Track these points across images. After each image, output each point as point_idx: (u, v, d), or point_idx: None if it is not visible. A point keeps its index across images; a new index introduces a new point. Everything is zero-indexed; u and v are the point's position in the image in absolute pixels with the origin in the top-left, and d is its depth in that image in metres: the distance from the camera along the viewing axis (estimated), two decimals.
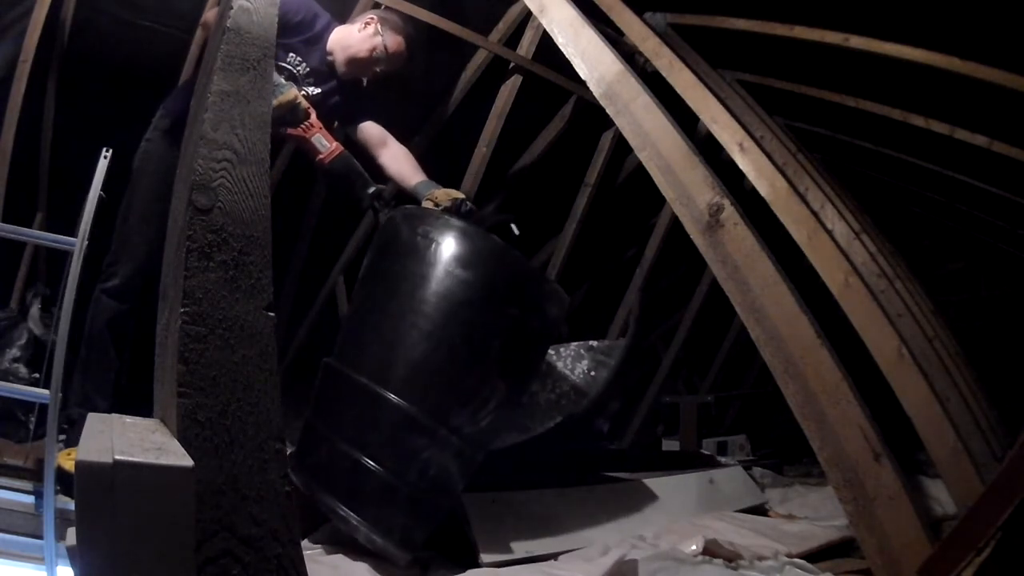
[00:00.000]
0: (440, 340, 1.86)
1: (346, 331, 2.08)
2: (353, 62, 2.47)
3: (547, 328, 2.10)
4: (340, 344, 2.06)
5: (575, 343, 2.80)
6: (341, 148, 2.26)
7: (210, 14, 2.37)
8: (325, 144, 2.23)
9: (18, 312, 2.76)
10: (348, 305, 2.21)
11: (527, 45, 3.51)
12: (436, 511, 1.83)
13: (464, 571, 1.81)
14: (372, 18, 2.49)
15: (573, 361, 2.77)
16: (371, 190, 2.27)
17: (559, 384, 2.67)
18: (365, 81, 2.55)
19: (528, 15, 3.36)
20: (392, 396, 1.79)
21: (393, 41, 2.47)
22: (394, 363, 1.84)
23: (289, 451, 1.58)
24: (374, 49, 2.46)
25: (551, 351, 2.73)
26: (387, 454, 1.76)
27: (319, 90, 2.48)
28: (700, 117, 2.31)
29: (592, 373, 2.70)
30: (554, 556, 1.95)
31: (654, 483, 2.54)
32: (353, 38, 2.46)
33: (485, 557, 1.85)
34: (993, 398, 3.06)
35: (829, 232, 2.07)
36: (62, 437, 2.17)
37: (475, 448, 1.87)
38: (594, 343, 2.81)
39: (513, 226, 2.31)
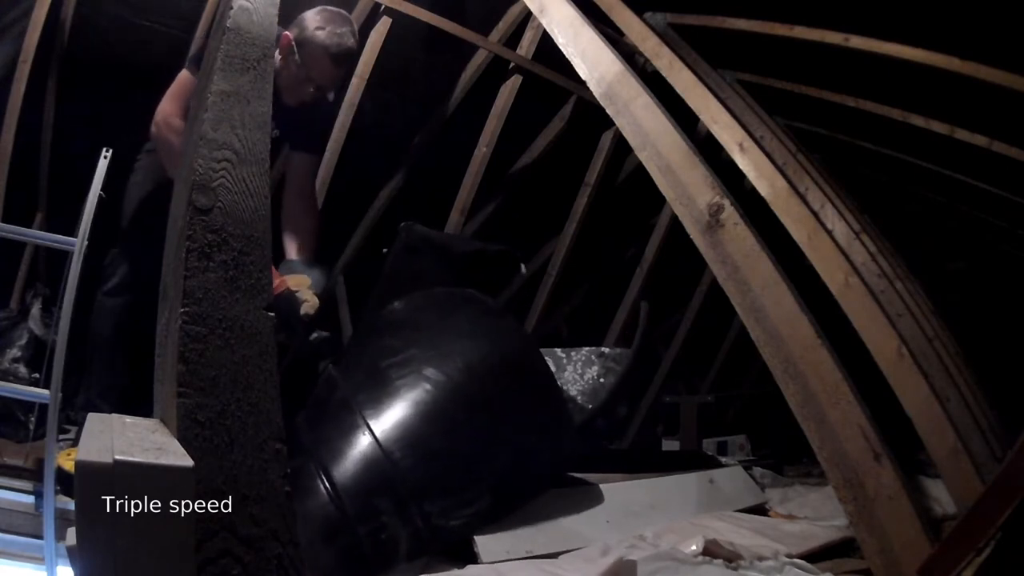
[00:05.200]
0: (458, 426, 1.86)
1: (365, 358, 2.04)
2: (286, 91, 2.28)
3: (550, 459, 2.12)
4: (349, 360, 2.04)
5: (586, 348, 2.79)
6: (284, 284, 2.10)
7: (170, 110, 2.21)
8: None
9: (18, 312, 2.76)
10: (369, 317, 2.16)
11: (527, 45, 3.51)
12: (362, 571, 1.74)
13: (463, 568, 1.81)
14: (285, 35, 2.22)
15: (583, 367, 2.76)
16: (314, 336, 2.12)
17: (567, 388, 2.66)
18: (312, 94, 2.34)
19: (528, 15, 3.36)
20: (382, 446, 1.75)
21: (310, 59, 2.22)
22: (399, 419, 1.82)
23: None
24: (294, 76, 2.24)
25: (561, 353, 2.73)
26: (349, 493, 1.71)
27: (276, 130, 2.33)
28: (700, 117, 2.31)
29: (601, 380, 2.69)
30: (554, 555, 1.95)
31: (654, 483, 2.54)
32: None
33: (485, 555, 1.84)
34: (993, 398, 3.05)
35: (829, 232, 2.07)
36: (62, 437, 2.17)
37: (433, 539, 1.79)
38: (605, 350, 2.80)
39: (522, 264, 2.27)
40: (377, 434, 1.78)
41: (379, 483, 1.75)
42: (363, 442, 1.78)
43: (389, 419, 1.82)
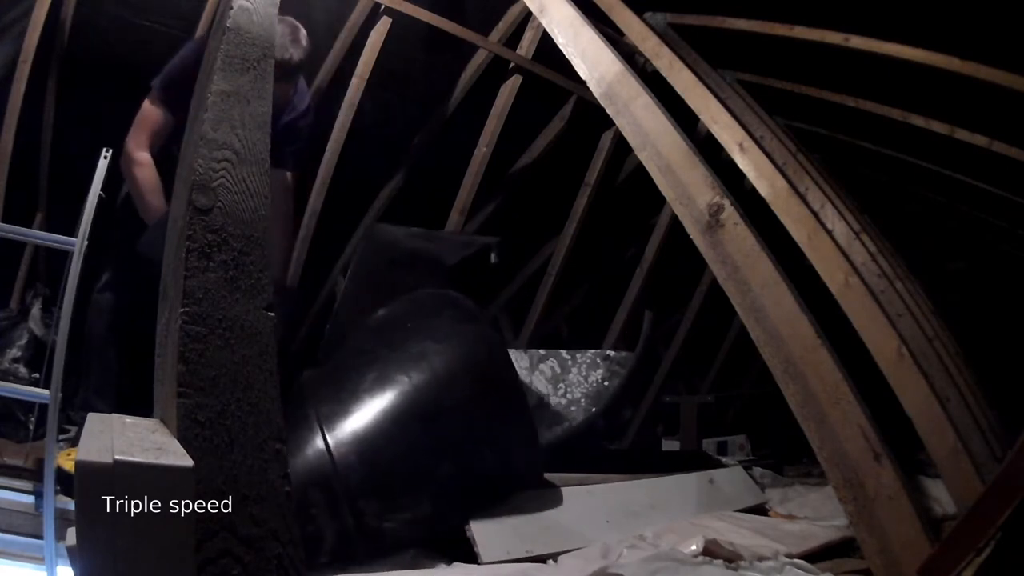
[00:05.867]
0: (410, 431, 1.84)
1: (336, 358, 2.02)
2: None
3: (508, 470, 2.07)
4: (321, 360, 2.02)
5: (591, 351, 2.78)
6: None
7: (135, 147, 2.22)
8: None
9: (18, 312, 2.76)
10: (343, 316, 2.15)
11: (527, 45, 3.51)
12: None
13: (449, 564, 1.81)
14: None
15: (588, 369, 2.76)
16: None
17: (571, 390, 2.66)
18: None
19: (528, 15, 3.36)
20: (327, 441, 1.73)
21: None
22: (353, 417, 1.80)
23: None
24: None
25: (566, 355, 2.73)
26: None
27: None
28: (700, 117, 2.31)
29: (606, 383, 2.69)
30: (554, 556, 1.95)
31: (654, 483, 2.54)
32: None
33: (484, 556, 1.84)
34: (993, 398, 3.05)
35: (829, 232, 2.07)
36: (62, 437, 2.17)
37: (362, 539, 1.73)
38: (611, 353, 2.80)
39: (492, 254, 2.26)
40: (326, 429, 1.77)
41: (315, 475, 1.72)
42: (308, 435, 1.77)
43: (342, 416, 1.82)
